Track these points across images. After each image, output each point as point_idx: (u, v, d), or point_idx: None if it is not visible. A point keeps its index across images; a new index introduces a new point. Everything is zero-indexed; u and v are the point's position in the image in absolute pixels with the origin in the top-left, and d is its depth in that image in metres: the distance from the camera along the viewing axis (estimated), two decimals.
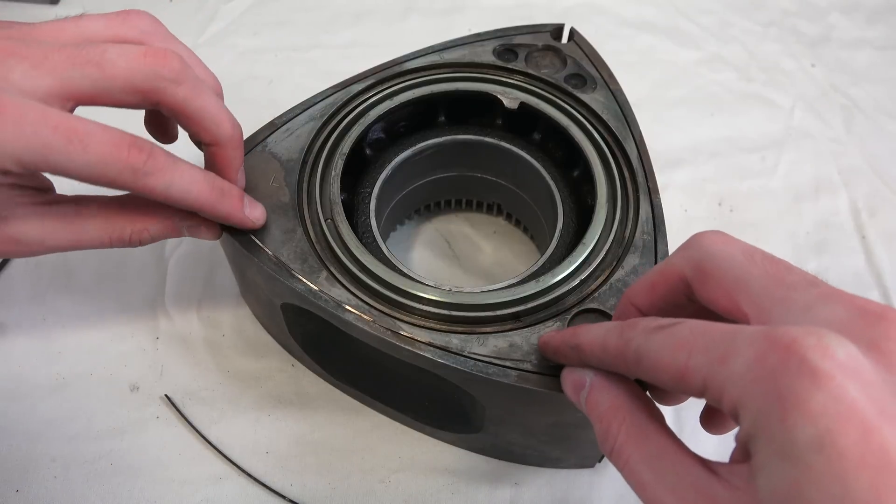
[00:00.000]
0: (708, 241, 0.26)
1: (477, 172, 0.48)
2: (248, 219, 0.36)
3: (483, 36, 0.46)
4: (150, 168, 0.30)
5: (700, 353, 0.22)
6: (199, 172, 0.33)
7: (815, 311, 0.22)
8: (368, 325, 0.34)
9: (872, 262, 0.52)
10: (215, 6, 0.67)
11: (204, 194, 0.33)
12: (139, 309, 0.47)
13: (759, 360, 0.20)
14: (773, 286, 0.23)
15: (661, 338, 0.24)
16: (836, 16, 0.69)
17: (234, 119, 0.35)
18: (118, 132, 0.30)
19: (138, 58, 0.30)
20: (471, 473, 0.42)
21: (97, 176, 0.29)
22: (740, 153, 0.58)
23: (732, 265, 0.25)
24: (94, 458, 0.42)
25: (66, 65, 0.29)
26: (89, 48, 0.30)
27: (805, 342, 0.20)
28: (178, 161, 0.32)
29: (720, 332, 0.22)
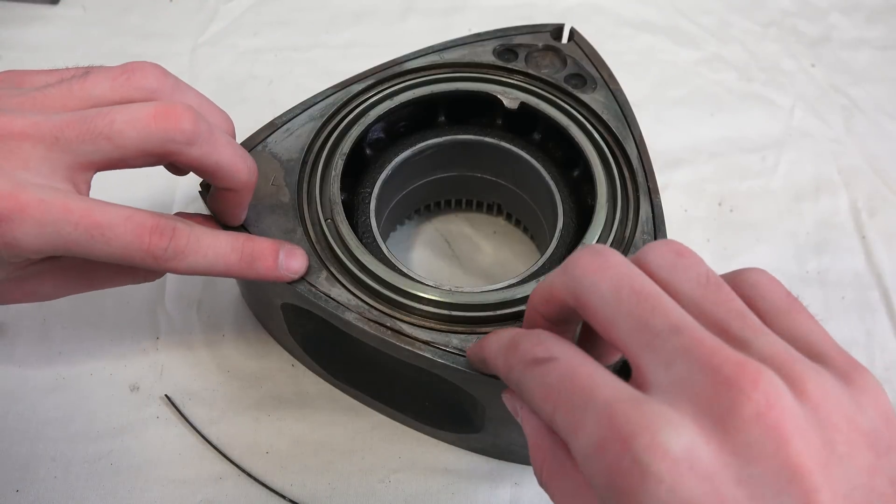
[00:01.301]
0: (581, 269, 0.24)
1: (477, 172, 0.48)
2: (286, 274, 0.35)
3: (483, 36, 0.46)
4: (172, 253, 0.31)
5: (561, 413, 0.22)
6: (225, 242, 0.33)
7: (675, 369, 0.21)
8: (368, 325, 0.34)
9: (872, 262, 0.52)
10: (215, 6, 0.67)
11: (233, 266, 0.33)
12: (139, 309, 0.47)
13: (600, 447, 0.20)
14: (638, 331, 0.22)
15: (534, 379, 0.23)
16: (836, 16, 0.69)
17: (251, 162, 0.35)
18: (139, 218, 0.30)
19: (148, 123, 0.30)
20: (471, 473, 0.42)
21: (119, 262, 0.30)
22: (740, 153, 0.58)
23: (602, 302, 0.23)
24: (94, 458, 0.42)
25: (79, 141, 0.29)
26: (98, 120, 0.30)
27: (639, 440, 0.19)
28: (203, 236, 0.32)
29: (580, 392, 0.21)
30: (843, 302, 0.50)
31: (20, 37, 0.63)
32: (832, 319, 0.49)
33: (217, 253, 0.32)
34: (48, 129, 0.29)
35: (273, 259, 0.35)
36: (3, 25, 0.64)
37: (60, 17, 0.65)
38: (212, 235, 0.33)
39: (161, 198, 0.53)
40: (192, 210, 0.52)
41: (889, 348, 0.47)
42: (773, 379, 0.19)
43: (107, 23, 0.65)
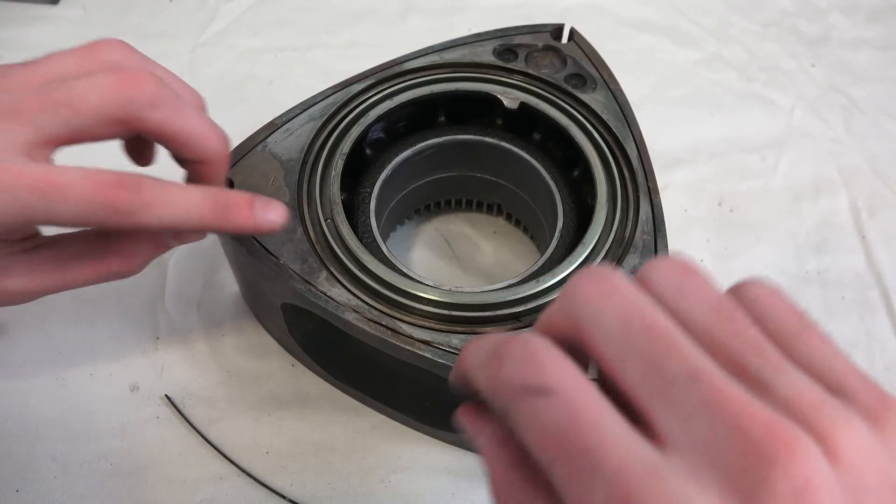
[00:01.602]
0: (582, 296, 0.21)
1: (477, 172, 0.48)
2: (264, 224, 0.34)
3: (483, 36, 0.46)
4: (139, 205, 0.29)
5: (561, 470, 0.18)
6: (196, 192, 0.31)
7: (693, 426, 0.18)
8: (368, 325, 0.34)
9: (872, 262, 0.52)
10: (215, 6, 0.67)
11: (206, 215, 0.32)
12: (139, 309, 0.48)
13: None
14: (650, 375, 0.19)
15: (527, 416, 0.19)
16: (836, 16, 0.69)
17: (222, 132, 0.34)
18: (100, 173, 0.28)
19: (109, 87, 0.29)
20: (471, 473, 0.42)
21: (83, 222, 0.29)
22: (740, 153, 0.58)
23: (609, 337, 0.20)
24: (94, 458, 0.42)
25: (38, 112, 0.28)
26: (58, 88, 0.29)
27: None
28: (170, 187, 0.30)
29: (586, 451, 0.18)
30: (843, 302, 0.50)
31: (20, 37, 0.63)
32: (832, 319, 0.49)
33: (188, 202, 0.31)
34: (6, 102, 0.28)
35: (248, 208, 0.33)
36: (3, 25, 0.64)
37: (60, 17, 0.65)
38: (181, 187, 0.31)
39: None
40: None
41: (889, 348, 0.47)
42: (810, 447, 0.17)
43: (107, 23, 0.65)
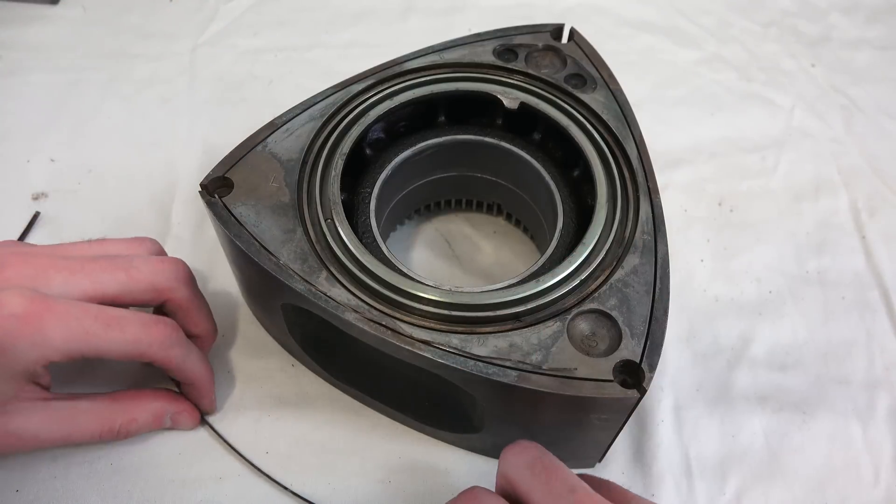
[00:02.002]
0: (508, 454, 0.31)
1: (477, 172, 0.48)
2: (213, 407, 0.43)
3: (483, 36, 0.46)
4: (174, 341, 0.37)
5: None
6: (203, 355, 0.41)
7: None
8: (368, 325, 0.34)
9: (872, 262, 0.52)
10: (215, 6, 0.67)
11: (204, 372, 0.40)
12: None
13: None
14: (546, 494, 0.28)
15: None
16: (836, 16, 0.69)
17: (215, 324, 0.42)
18: (145, 314, 0.36)
19: (159, 264, 0.38)
20: (471, 473, 0.42)
21: (132, 352, 0.35)
22: (740, 153, 0.58)
23: (523, 478, 0.29)
24: (94, 458, 0.41)
25: (98, 272, 0.35)
26: (120, 258, 0.37)
27: None
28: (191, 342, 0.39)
29: None
30: (843, 302, 0.50)
31: (20, 37, 0.63)
32: (832, 319, 0.49)
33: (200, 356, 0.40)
34: (73, 262, 0.36)
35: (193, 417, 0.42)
36: (3, 25, 0.64)
37: (60, 17, 0.65)
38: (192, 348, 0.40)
39: (161, 196, 0.53)
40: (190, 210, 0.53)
41: (889, 348, 0.47)
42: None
43: (107, 23, 0.65)
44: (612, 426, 0.37)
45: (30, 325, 0.32)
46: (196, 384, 0.40)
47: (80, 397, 0.38)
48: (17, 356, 0.32)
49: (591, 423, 0.36)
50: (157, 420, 0.40)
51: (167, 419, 0.41)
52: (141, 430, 0.40)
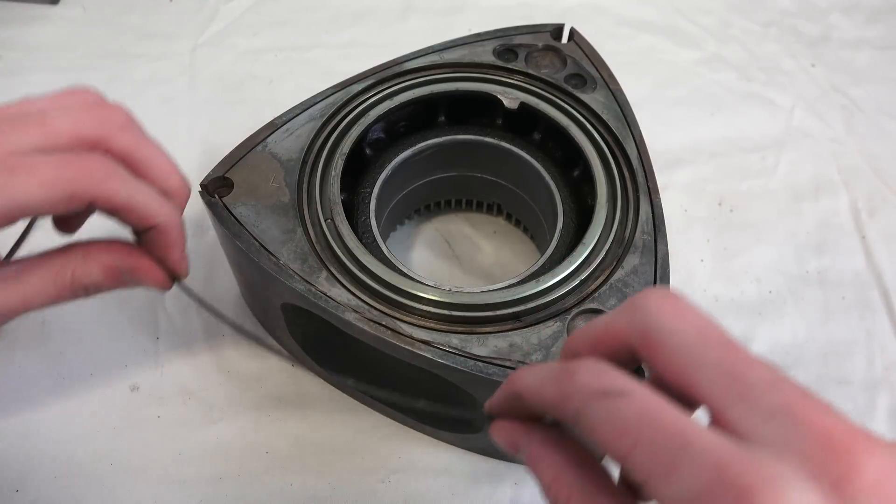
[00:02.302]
0: (656, 308, 0.23)
1: (477, 172, 0.48)
2: (183, 268, 0.35)
3: (483, 36, 0.46)
4: (110, 171, 0.30)
5: (644, 452, 0.20)
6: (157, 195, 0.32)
7: (776, 425, 0.20)
8: (368, 325, 0.34)
9: (872, 262, 0.52)
10: (215, 6, 0.67)
11: (168, 215, 0.32)
12: (139, 309, 0.47)
13: (705, 495, 0.18)
14: (729, 381, 0.21)
15: (604, 411, 0.21)
16: (836, 16, 0.69)
17: (184, 175, 0.35)
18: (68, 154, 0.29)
19: (83, 111, 0.30)
20: (471, 473, 0.42)
21: (55, 197, 0.29)
22: (740, 153, 0.58)
23: (684, 345, 0.22)
24: (94, 458, 0.42)
25: (7, 132, 0.29)
26: (29, 114, 0.30)
27: (763, 495, 0.17)
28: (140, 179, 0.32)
29: (670, 435, 0.19)
30: (843, 302, 0.50)
31: (20, 37, 0.63)
32: (832, 319, 0.49)
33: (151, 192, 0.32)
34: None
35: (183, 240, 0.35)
36: (3, 25, 0.64)
37: (60, 17, 0.65)
38: None
39: None
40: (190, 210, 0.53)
41: (889, 348, 0.47)
42: (887, 449, 0.19)
43: (107, 23, 0.65)
44: None
45: None
46: (157, 230, 0.33)
47: (30, 259, 0.33)
48: None
49: None
50: (111, 274, 0.34)
51: (125, 275, 0.34)
52: (98, 285, 0.33)
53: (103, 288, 0.34)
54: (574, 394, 0.22)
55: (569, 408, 0.22)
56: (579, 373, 0.23)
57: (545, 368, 0.25)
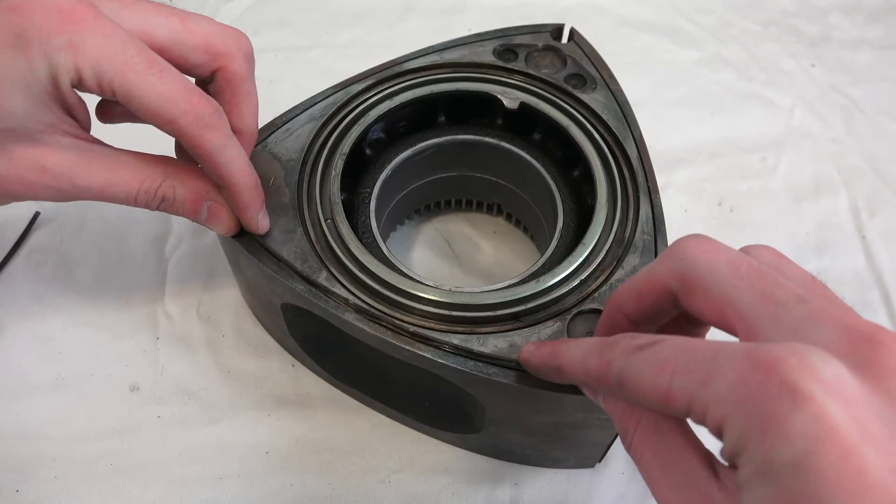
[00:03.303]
0: (691, 249, 0.25)
1: (477, 172, 0.48)
2: (260, 224, 0.36)
3: (483, 36, 0.46)
4: (213, 122, 0.31)
5: (682, 375, 0.22)
6: (245, 155, 0.34)
7: (804, 331, 0.21)
8: (368, 325, 0.34)
9: (872, 262, 0.52)
10: (215, 6, 0.67)
11: (245, 173, 0.34)
12: (139, 309, 0.47)
13: (740, 382, 0.20)
14: (760, 303, 0.23)
15: (642, 359, 0.23)
16: (836, 16, 0.69)
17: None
18: (191, 82, 0.31)
19: (219, 26, 0.33)
20: (471, 473, 0.42)
21: (163, 112, 0.30)
22: (740, 153, 0.58)
23: (718, 278, 0.24)
24: (94, 458, 0.42)
25: (153, 12, 0.31)
26: (172, 10, 0.32)
27: (788, 363, 0.19)
28: (233, 135, 0.33)
29: (702, 352, 0.21)
30: None
31: None
32: None
33: (240, 153, 0.34)
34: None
35: (262, 200, 0.36)
36: None
37: None
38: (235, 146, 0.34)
39: None
40: None
41: None
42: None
43: None
44: (612, 426, 0.37)
45: (72, 23, 0.28)
46: (234, 189, 0.34)
47: (125, 151, 0.34)
48: (50, 52, 0.28)
49: (591, 423, 0.36)
50: (196, 199, 0.35)
51: (204, 209, 0.35)
52: (177, 206, 0.34)
53: (179, 210, 0.35)
54: (615, 358, 0.24)
55: (612, 372, 0.24)
56: (620, 341, 0.25)
57: (587, 343, 0.27)
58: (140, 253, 0.50)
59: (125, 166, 0.33)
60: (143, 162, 0.34)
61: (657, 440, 0.24)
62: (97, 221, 0.51)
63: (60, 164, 0.31)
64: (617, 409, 0.26)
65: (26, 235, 0.50)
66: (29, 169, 0.31)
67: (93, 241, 0.50)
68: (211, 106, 0.31)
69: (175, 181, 0.34)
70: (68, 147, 0.31)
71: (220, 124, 0.32)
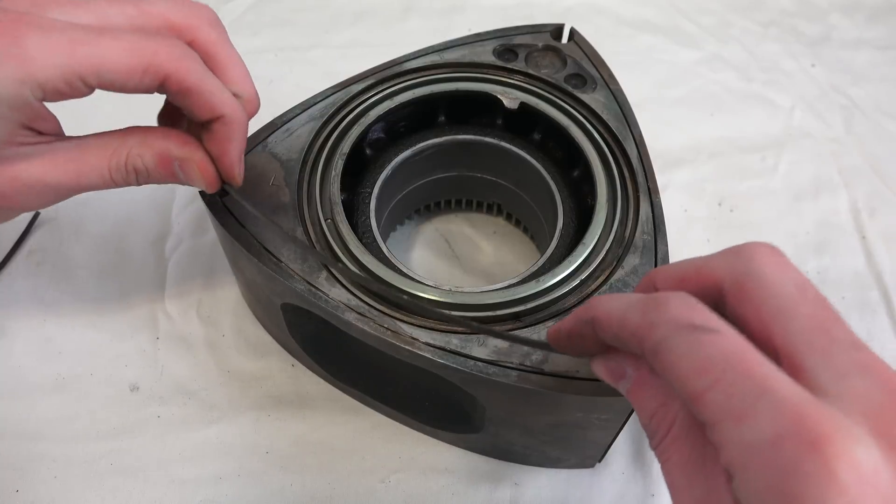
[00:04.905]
0: (760, 257, 0.24)
1: (477, 172, 0.48)
2: (239, 174, 0.35)
3: (483, 36, 0.46)
4: (185, 52, 0.31)
5: (721, 392, 0.20)
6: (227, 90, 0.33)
7: (851, 382, 0.20)
8: (368, 325, 0.34)
9: (872, 262, 0.52)
10: (215, 6, 0.66)
11: (236, 110, 0.33)
12: (139, 309, 0.47)
13: (776, 442, 0.19)
14: (816, 334, 0.21)
15: (689, 344, 0.21)
16: (836, 16, 0.69)
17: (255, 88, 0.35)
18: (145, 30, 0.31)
19: (176, 2, 0.32)
20: (471, 473, 0.42)
21: (134, 63, 0.29)
22: (740, 153, 0.58)
23: (780, 295, 0.22)
24: (94, 458, 0.42)
25: (104, 5, 0.30)
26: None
27: (833, 447, 0.18)
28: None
29: (750, 382, 0.20)
30: (843, 302, 0.50)
31: None
32: None
33: (221, 86, 0.32)
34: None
35: (243, 148, 0.35)
36: None
37: None
38: None
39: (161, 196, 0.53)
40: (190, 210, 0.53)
41: (889, 348, 0.47)
42: None
43: None
44: (612, 426, 0.37)
45: (3, 35, 0.27)
46: (222, 121, 0.32)
47: (90, 136, 0.33)
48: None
49: (591, 423, 0.36)
50: (163, 162, 0.33)
51: (176, 166, 0.34)
52: (152, 174, 0.33)
53: (154, 176, 0.34)
54: (661, 323, 0.22)
55: (652, 337, 0.22)
56: (671, 303, 0.23)
57: (630, 297, 0.25)
58: (140, 253, 0.50)
59: (90, 150, 0.32)
60: (106, 140, 0.33)
61: (689, 448, 0.23)
62: (97, 221, 0.51)
63: (28, 170, 0.31)
64: (648, 407, 0.25)
65: (26, 235, 0.50)
66: (1, 184, 0.31)
67: (93, 241, 0.50)
68: (176, 40, 0.31)
69: (140, 149, 0.33)
70: (32, 154, 0.31)
71: (192, 55, 0.31)
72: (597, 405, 0.33)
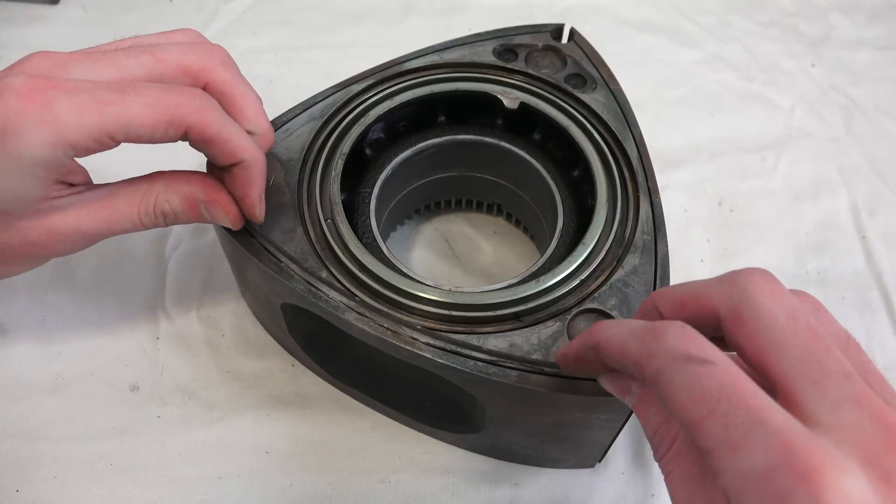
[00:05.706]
0: (754, 286, 0.24)
1: (477, 172, 0.48)
2: (260, 212, 0.36)
3: (483, 36, 0.46)
4: (207, 102, 0.32)
5: (717, 422, 0.21)
6: (245, 134, 0.35)
7: (842, 413, 0.21)
8: (368, 325, 0.34)
9: (872, 262, 0.52)
10: (215, 6, 0.67)
11: (255, 153, 0.34)
12: (139, 309, 0.47)
13: (769, 472, 0.19)
14: (809, 365, 0.22)
15: (685, 375, 0.22)
16: (836, 16, 0.69)
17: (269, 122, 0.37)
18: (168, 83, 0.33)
19: (188, 46, 0.34)
20: (471, 473, 0.42)
21: (159, 117, 0.31)
22: (740, 153, 0.58)
23: (773, 325, 0.23)
24: (94, 458, 0.42)
25: (122, 58, 0.32)
26: (141, 46, 0.33)
27: (824, 479, 0.19)
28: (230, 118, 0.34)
29: (744, 412, 0.21)
30: (843, 302, 0.50)
31: (20, 37, 0.63)
32: None
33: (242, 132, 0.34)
34: (95, 52, 0.33)
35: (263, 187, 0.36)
36: (3, 25, 0.64)
37: (60, 17, 0.65)
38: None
39: None
40: None
41: (889, 348, 0.47)
42: None
43: (107, 23, 0.65)
44: (612, 426, 0.37)
45: (34, 101, 0.29)
46: (242, 166, 0.34)
47: (119, 183, 0.35)
48: (28, 139, 0.29)
49: (591, 423, 0.36)
50: (190, 205, 0.35)
51: (202, 208, 0.36)
52: (180, 216, 0.36)
53: (181, 218, 0.36)
54: (659, 354, 0.23)
55: (650, 367, 0.23)
56: (668, 334, 0.23)
57: (631, 324, 0.25)
58: (140, 253, 0.50)
59: (120, 197, 0.34)
60: (133, 186, 0.35)
61: (690, 463, 0.24)
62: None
63: (64, 221, 0.33)
64: (652, 423, 0.25)
65: None
66: (38, 235, 0.33)
67: None
68: (197, 91, 0.32)
69: (167, 194, 0.35)
70: (67, 204, 0.33)
71: (213, 104, 0.33)
72: (597, 405, 0.33)
